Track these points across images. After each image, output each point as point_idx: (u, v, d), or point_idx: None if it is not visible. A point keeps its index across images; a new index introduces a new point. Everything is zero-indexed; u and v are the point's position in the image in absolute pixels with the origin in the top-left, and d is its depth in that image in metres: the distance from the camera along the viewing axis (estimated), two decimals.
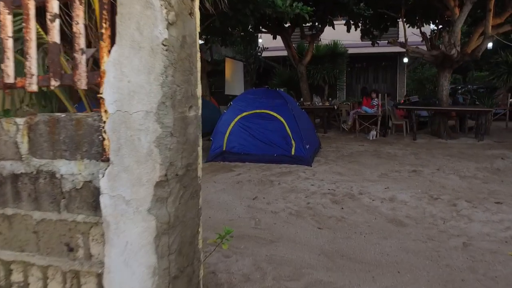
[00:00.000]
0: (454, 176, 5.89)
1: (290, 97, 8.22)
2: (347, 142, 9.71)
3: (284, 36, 12.46)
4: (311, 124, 8.43)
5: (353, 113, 10.88)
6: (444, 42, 8.90)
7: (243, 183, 5.62)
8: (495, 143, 9.43)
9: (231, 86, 15.68)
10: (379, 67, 20.57)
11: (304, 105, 12.10)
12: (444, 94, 10.49)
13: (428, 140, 9.96)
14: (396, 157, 7.64)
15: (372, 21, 12.96)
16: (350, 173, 6.23)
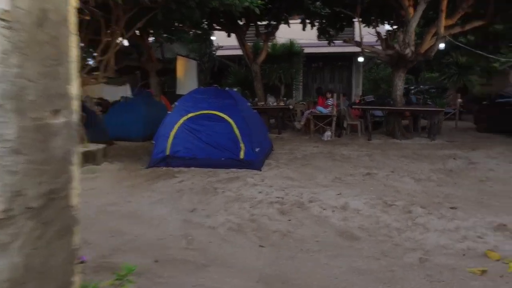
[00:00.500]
0: (409, 179, 5.63)
1: (241, 97, 7.74)
2: (301, 144, 9.36)
3: (238, 34, 11.97)
4: (263, 126, 7.99)
5: (307, 113, 10.58)
6: (399, 42, 8.76)
7: (184, 191, 5.07)
8: (447, 143, 9.41)
9: (183, 86, 14.99)
10: (335, 67, 20.56)
11: (258, 105, 11.68)
12: (398, 94, 10.39)
13: (383, 141, 9.81)
14: (351, 159, 7.35)
15: (328, 20, 12.74)
16: (302, 177, 5.83)
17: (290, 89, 18.91)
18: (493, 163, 6.73)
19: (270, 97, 11.70)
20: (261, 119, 8.14)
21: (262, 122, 8.05)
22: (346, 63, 20.18)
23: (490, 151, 8.05)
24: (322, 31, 13.06)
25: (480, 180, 5.48)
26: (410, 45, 8.79)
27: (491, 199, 4.58)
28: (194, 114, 6.85)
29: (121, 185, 5.39)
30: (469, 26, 10.65)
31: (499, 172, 6.02)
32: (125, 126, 9.98)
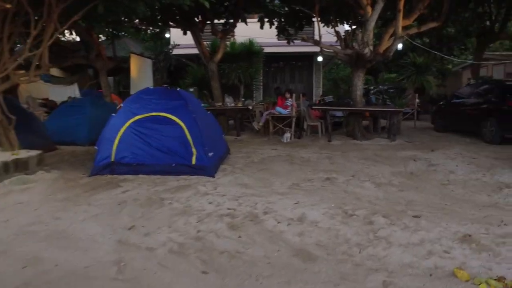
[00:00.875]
0: (370, 184, 5.35)
1: (193, 98, 7.22)
2: (259, 146, 8.98)
3: (194, 31, 11.42)
4: (218, 128, 7.51)
5: (266, 114, 10.22)
6: (358, 41, 8.56)
7: (126, 204, 4.52)
8: (407, 143, 9.34)
9: (138, 85, 14.24)
10: (295, 67, 20.40)
11: (215, 106, 11.20)
12: (358, 94, 10.24)
13: (344, 142, 9.62)
14: (310, 162, 7.03)
15: (287, 19, 12.46)
16: (258, 184, 5.42)
17: (250, 89, 18.51)
18: (453, 164, 6.61)
19: (228, 98, 11.24)
20: (216, 121, 7.67)
21: (217, 124, 7.57)
22: (306, 63, 20.07)
23: (448, 151, 8.00)
24: (281, 30, 12.75)
25: (441, 184, 5.29)
26: (368, 44, 8.62)
27: (454, 205, 4.36)
28: (141, 116, 6.28)
29: (54, 198, 4.76)
30: (425, 27, 10.68)
31: (458, 174, 5.88)
32: (70, 130, 9.21)
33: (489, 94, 9.80)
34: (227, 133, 11.43)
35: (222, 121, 11.55)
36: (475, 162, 6.82)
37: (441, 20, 10.69)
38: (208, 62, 11.45)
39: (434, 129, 12.37)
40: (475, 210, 4.15)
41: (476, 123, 9.91)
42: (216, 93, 11.55)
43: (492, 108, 9.41)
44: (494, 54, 17.96)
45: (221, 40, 11.39)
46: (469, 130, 10.66)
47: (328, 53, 10.09)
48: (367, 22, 8.62)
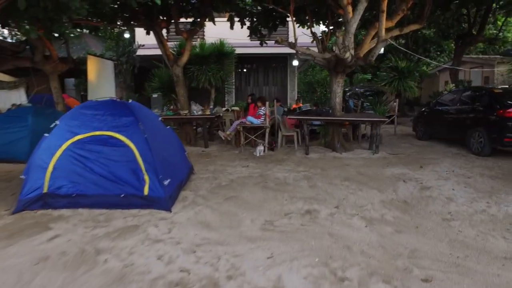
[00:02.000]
0: (359, 220, 4.43)
1: (146, 111, 6.08)
2: (229, 161, 7.95)
3: (156, 31, 10.28)
4: (178, 146, 6.43)
5: (236, 124, 9.20)
6: (338, 45, 7.67)
7: (46, 263, 3.42)
8: (390, 156, 8.52)
9: (97, 90, 12.95)
10: (269, 69, 19.46)
11: (180, 114, 10.10)
12: (337, 101, 9.37)
13: (322, 155, 8.72)
14: (286, 185, 6.06)
15: (259, 19, 11.48)
16: (223, 223, 4.41)
17: (221, 93, 17.46)
18: (448, 187, 5.80)
19: (195, 105, 10.16)
20: (176, 137, 6.58)
21: (177, 141, 6.49)
22: (281, 64, 19.17)
23: (438, 168, 7.23)
24: (253, 30, 11.76)
25: (444, 219, 4.42)
26: (349, 48, 7.74)
27: (468, 258, 3.47)
28: (83, 136, 5.16)
29: None
30: (407, 29, 9.93)
31: (459, 202, 5.04)
32: (8, 144, 7.95)
33: (476, 102, 9.12)
34: (194, 143, 10.39)
35: (189, 130, 10.49)
36: (472, 184, 6.03)
37: (423, 21, 9.98)
38: (172, 66, 10.32)
39: (416, 137, 11.69)
40: (497, 266, 3.28)
41: (462, 133, 9.22)
42: (181, 100, 10.44)
43: (480, 117, 8.73)
44: (472, 57, 17.58)
45: (187, 41, 10.29)
46: (454, 139, 10.00)
47: (305, 56, 9.17)
48: (349, 24, 7.74)
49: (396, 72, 10.84)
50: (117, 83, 15.25)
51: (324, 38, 10.23)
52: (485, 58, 16.68)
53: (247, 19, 11.47)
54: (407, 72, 10.54)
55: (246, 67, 19.63)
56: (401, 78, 10.68)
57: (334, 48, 7.64)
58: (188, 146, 10.26)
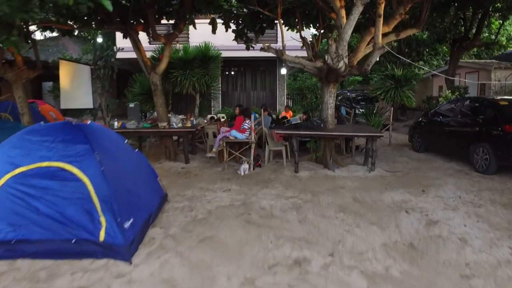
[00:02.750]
0: (359, 278, 3.61)
1: (108, 134, 5.18)
2: (210, 183, 7.10)
3: (131, 35, 9.38)
4: (147, 173, 5.55)
5: (219, 138, 8.35)
6: (331, 53, 6.86)
7: None
8: (388, 175, 7.76)
9: (71, 97, 12.00)
10: (257, 72, 18.64)
11: (158, 127, 9.22)
12: (329, 113, 8.59)
13: (313, 173, 7.92)
14: (272, 218, 5.24)
15: (245, 21, 10.64)
16: (193, 281, 3.57)
17: (207, 99, 16.60)
18: (458, 221, 5.03)
19: (174, 117, 9.28)
20: (145, 162, 5.71)
21: (146, 166, 5.62)
22: (269, 68, 18.37)
23: (442, 191, 6.48)
24: (238, 34, 10.92)
25: (461, 276, 3.63)
26: (343, 57, 6.95)
27: None
28: (26, 168, 4.27)
29: None
30: (404, 34, 9.19)
31: (475, 246, 4.27)
32: None
33: (480, 115, 8.41)
34: (174, 158, 9.51)
35: (169, 144, 9.61)
36: (484, 216, 5.27)
37: (421, 26, 9.24)
38: (150, 73, 9.43)
39: (413, 148, 10.97)
40: None
41: (465, 148, 8.52)
42: (160, 112, 9.54)
43: (485, 131, 8.02)
44: (468, 62, 16.94)
45: (166, 47, 9.39)
46: (454, 153, 9.28)
47: (294, 65, 8.37)
48: (343, 31, 6.93)
49: (392, 81, 10.07)
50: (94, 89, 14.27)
51: (314, 43, 9.44)
52: (482, 63, 16.06)
53: (233, 22, 10.63)
54: (404, 80, 9.78)
55: (233, 70, 18.80)
56: (397, 86, 9.91)
57: (327, 57, 6.84)
58: (167, 161, 9.40)
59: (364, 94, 20.80)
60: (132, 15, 9.45)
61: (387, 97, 9.89)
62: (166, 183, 7.16)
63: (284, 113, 13.87)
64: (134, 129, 9.15)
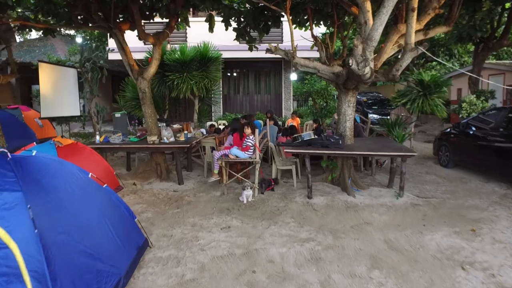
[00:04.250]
0: None
1: (58, 167, 3.80)
2: (204, 216, 5.76)
3: (115, 34, 8.06)
4: (118, 218, 4.19)
5: (217, 157, 7.00)
6: (356, 56, 5.48)
7: None
8: (421, 203, 6.40)
9: (53, 104, 10.69)
10: (261, 74, 17.30)
11: (147, 141, 7.88)
12: (348, 126, 7.25)
13: (330, 199, 6.57)
14: (285, 281, 3.89)
15: (248, 18, 9.29)
16: None
17: (207, 104, 15.26)
18: None
19: (165, 130, 7.94)
20: (118, 201, 4.36)
21: (118, 208, 4.27)
22: (274, 69, 17.02)
23: (500, 233, 5.10)
24: (240, 32, 9.58)
25: None
26: (370, 61, 5.57)
27: None
28: None
29: None
30: (433, 32, 7.81)
31: None
32: None
33: None
34: (167, 177, 8.19)
35: (160, 160, 8.29)
36: None
37: (451, 23, 7.87)
38: (137, 79, 8.11)
39: (439, 162, 9.60)
40: None
41: (509, 166, 7.15)
42: (149, 123, 8.22)
43: None
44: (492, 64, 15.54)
45: (155, 48, 8.06)
46: (492, 171, 7.91)
47: (306, 69, 7.03)
48: (372, 28, 5.51)
49: (420, 88, 8.65)
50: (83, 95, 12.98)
51: (328, 43, 8.10)
52: (509, 64, 14.64)
53: (233, 19, 9.29)
54: (434, 87, 8.39)
55: (235, 72, 17.47)
56: (426, 94, 8.52)
57: (350, 61, 5.46)
58: (158, 180, 8.10)
59: (375, 98, 19.42)
60: (118, 11, 8.16)
61: (413, 106, 8.50)
62: (152, 215, 5.86)
63: (291, 121, 12.54)
64: (119, 144, 7.83)
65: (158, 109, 14.16)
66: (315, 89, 13.43)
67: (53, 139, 6.36)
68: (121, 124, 9.24)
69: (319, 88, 13.42)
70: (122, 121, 9.24)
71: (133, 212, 4.51)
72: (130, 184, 7.85)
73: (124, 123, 9.47)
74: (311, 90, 13.63)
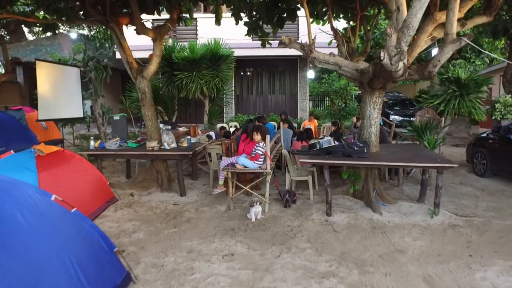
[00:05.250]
0: None
1: (8, 193, 3.01)
2: (204, 238, 4.87)
3: (112, 28, 7.27)
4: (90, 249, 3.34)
5: (223, 166, 6.11)
6: (389, 48, 4.49)
7: None
8: (463, 225, 5.39)
9: (52, 106, 10.01)
10: (275, 74, 16.37)
11: (148, 148, 7.06)
12: (373, 132, 6.29)
13: (353, 217, 5.63)
14: None
15: (260, 11, 8.38)
16: None
17: (218, 105, 14.43)
18: None
19: (166, 135, 7.09)
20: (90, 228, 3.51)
21: (91, 237, 3.43)
22: (290, 68, 16.08)
23: None
24: (251, 27, 8.67)
25: None
26: (405, 53, 4.59)
27: None
28: None
29: None
30: (471, 23, 6.78)
31: None
32: None
33: None
34: (168, 187, 7.37)
35: (161, 168, 7.47)
36: None
37: (493, 13, 6.81)
38: (136, 78, 7.30)
39: (474, 171, 8.53)
40: None
41: None
42: (149, 127, 7.41)
43: None
44: None
45: (155, 43, 7.24)
46: None
47: (325, 66, 6.10)
48: (410, 13, 4.48)
49: (456, 87, 7.54)
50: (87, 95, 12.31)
51: (350, 36, 7.14)
52: None
53: (244, 12, 8.40)
54: (473, 86, 7.29)
55: (248, 71, 16.59)
56: (463, 94, 7.43)
57: (382, 55, 4.49)
58: (158, 190, 7.29)
59: (396, 98, 18.28)
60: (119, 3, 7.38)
61: (448, 108, 7.42)
62: (144, 236, 5.03)
63: (307, 123, 11.60)
64: (114, 150, 7.03)
65: (167, 110, 13.44)
66: (333, 89, 12.43)
67: (34, 146, 5.58)
68: (120, 128, 8.50)
69: (337, 88, 12.41)
70: (121, 124, 8.50)
71: (111, 242, 3.65)
72: (127, 194, 7.06)
73: (123, 126, 8.73)
74: (328, 90, 12.63)
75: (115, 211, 6.14)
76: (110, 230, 5.29)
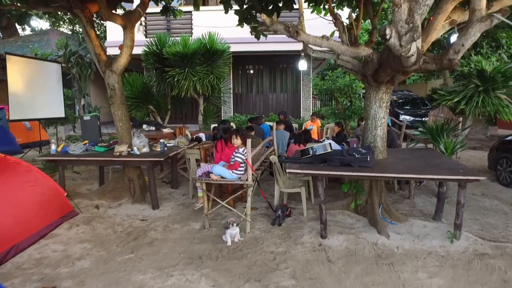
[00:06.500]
0: None
1: None
2: (163, 269, 3.80)
3: (78, 16, 6.27)
4: None
5: (199, 175, 5.05)
6: (397, 22, 3.30)
7: None
8: (492, 254, 4.26)
9: (26, 104, 9.07)
10: (276, 70, 15.30)
11: (116, 153, 6.03)
12: (379, 135, 5.20)
13: (353, 242, 4.55)
14: None
15: None
16: None
17: (214, 104, 13.40)
18: None
19: (138, 137, 6.07)
20: None
21: None
22: (292, 64, 15.00)
23: None
24: (243, 16, 7.61)
25: None
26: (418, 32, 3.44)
27: None
28: None
29: None
30: (498, 4, 5.62)
31: None
32: None
33: None
34: (141, 198, 6.37)
35: (133, 176, 6.46)
36: None
37: None
38: (104, 72, 6.30)
39: (497, 179, 7.38)
40: None
41: None
42: (119, 129, 6.40)
43: None
44: None
45: (125, 32, 6.23)
46: None
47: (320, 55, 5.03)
48: None
49: (478, 81, 6.33)
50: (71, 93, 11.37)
51: (353, 23, 6.05)
52: None
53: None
54: (500, 80, 6.09)
55: (248, 68, 15.54)
56: (487, 90, 6.23)
57: (388, 32, 3.31)
58: (130, 202, 6.29)
59: (407, 96, 17.06)
60: None
61: (470, 106, 6.24)
62: (89, 265, 4.01)
63: (310, 123, 10.51)
64: (76, 156, 6.03)
65: (160, 109, 12.48)
66: (337, 86, 11.32)
67: None
68: (91, 129, 7.54)
69: (342, 85, 11.30)
70: (92, 125, 7.53)
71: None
72: (93, 206, 6.07)
73: (95, 127, 7.76)
74: (332, 87, 11.52)
75: (69, 228, 5.15)
76: (52, 256, 4.28)
